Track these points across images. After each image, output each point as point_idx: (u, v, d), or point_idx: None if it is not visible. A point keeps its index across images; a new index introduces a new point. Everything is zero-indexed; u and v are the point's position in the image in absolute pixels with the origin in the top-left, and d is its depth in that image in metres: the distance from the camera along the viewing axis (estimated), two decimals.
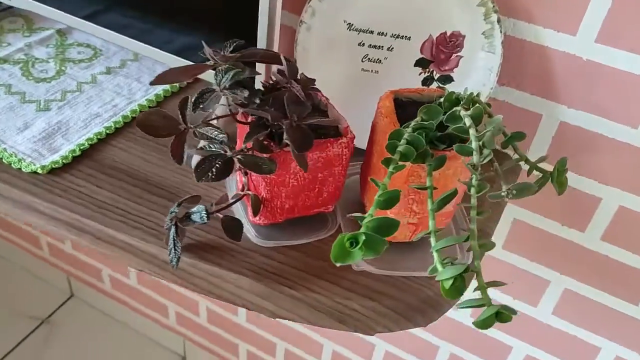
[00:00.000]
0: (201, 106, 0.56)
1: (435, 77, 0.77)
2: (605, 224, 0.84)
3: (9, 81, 0.85)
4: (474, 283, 0.52)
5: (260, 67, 0.72)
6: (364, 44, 0.76)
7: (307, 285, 0.64)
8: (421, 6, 0.73)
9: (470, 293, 0.53)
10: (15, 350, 1.64)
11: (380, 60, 0.77)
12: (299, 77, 0.63)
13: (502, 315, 0.52)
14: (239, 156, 0.56)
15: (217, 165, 0.55)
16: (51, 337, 1.67)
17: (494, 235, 0.93)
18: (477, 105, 0.56)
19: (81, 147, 0.76)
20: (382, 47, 0.76)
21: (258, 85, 0.63)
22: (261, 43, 0.71)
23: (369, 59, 0.77)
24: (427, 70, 0.77)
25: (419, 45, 0.76)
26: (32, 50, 0.92)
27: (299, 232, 0.69)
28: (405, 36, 0.75)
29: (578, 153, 0.80)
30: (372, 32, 0.75)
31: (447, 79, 0.77)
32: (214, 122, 0.60)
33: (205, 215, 0.59)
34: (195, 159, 0.72)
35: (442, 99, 0.61)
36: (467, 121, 0.55)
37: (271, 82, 0.63)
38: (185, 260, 0.65)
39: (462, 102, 0.60)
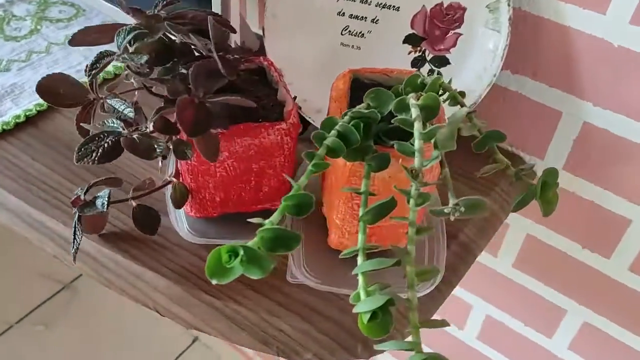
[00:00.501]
0: (93, 72, 0.46)
1: (428, 58, 0.64)
2: (635, 251, 0.68)
3: None
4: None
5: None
6: (344, 13, 0.64)
7: (231, 294, 0.54)
8: None
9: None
10: (36, 311, 1.64)
11: (363, 34, 0.64)
12: (239, 44, 0.53)
13: None
14: (135, 136, 0.46)
15: (105, 145, 0.46)
16: (72, 302, 1.67)
17: (502, 251, 0.80)
18: (431, 93, 0.44)
19: (27, 113, 0.69)
20: (366, 18, 0.64)
21: None
22: (216, 6, 0.61)
23: (349, 31, 0.65)
24: (419, 48, 0.64)
25: (410, 17, 0.63)
26: (12, 6, 0.86)
27: (238, 230, 0.58)
28: (394, 6, 0.62)
29: (605, 162, 0.65)
30: None
31: (442, 61, 0.64)
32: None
33: (106, 203, 0.50)
34: None
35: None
36: (414, 112, 0.43)
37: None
38: (103, 251, 0.57)
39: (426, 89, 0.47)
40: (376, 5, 0.63)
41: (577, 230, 0.72)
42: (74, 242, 0.52)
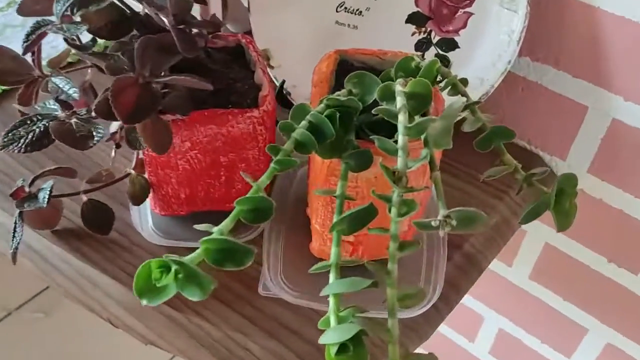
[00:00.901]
0: (27, 44, 0.40)
1: (434, 41, 0.56)
2: None
3: None
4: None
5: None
6: None
7: (194, 306, 0.47)
8: None
9: None
10: (35, 298, 1.60)
11: (361, 12, 0.57)
12: (207, 17, 0.45)
13: None
14: (73, 120, 0.39)
15: (37, 130, 0.39)
16: None
17: (517, 260, 0.72)
18: (421, 79, 0.36)
19: None
20: None
21: None
22: None
23: (345, 8, 0.57)
24: (423, 29, 0.56)
25: None
26: None
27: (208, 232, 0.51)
28: None
29: (636, 166, 0.57)
30: None
31: (450, 44, 0.56)
32: None
33: (47, 197, 0.43)
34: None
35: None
36: (399, 101, 0.35)
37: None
38: (54, 249, 0.51)
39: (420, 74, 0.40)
40: None
41: (603, 241, 0.63)
42: (13, 239, 0.45)
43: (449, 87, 0.40)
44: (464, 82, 0.41)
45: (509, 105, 0.62)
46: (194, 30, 0.44)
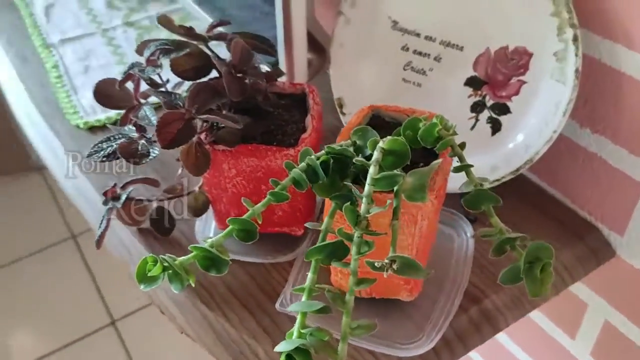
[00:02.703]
0: (121, 79, 0.51)
1: (488, 104, 0.59)
2: None
3: (121, 43, 0.91)
4: None
5: None
6: (408, 48, 0.62)
7: (224, 309, 0.55)
8: (478, 11, 0.56)
9: None
10: None
11: (425, 72, 0.61)
12: (267, 68, 0.54)
13: None
14: (142, 142, 0.50)
15: (114, 145, 0.50)
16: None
17: (580, 333, 0.69)
18: (397, 137, 0.40)
19: None
20: (429, 55, 0.61)
21: None
22: (279, 34, 0.63)
23: (412, 67, 0.62)
24: (479, 93, 0.59)
25: (473, 58, 0.58)
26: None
27: (255, 248, 0.59)
28: (457, 45, 0.59)
29: None
30: (418, 34, 0.61)
31: (503, 109, 0.58)
32: None
33: (123, 200, 0.54)
34: None
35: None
36: (375, 155, 0.40)
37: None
38: (136, 244, 0.62)
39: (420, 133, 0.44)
40: (440, 43, 0.59)
41: None
42: (99, 228, 0.57)
43: (442, 149, 0.43)
44: (462, 146, 0.44)
45: (571, 174, 0.62)
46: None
